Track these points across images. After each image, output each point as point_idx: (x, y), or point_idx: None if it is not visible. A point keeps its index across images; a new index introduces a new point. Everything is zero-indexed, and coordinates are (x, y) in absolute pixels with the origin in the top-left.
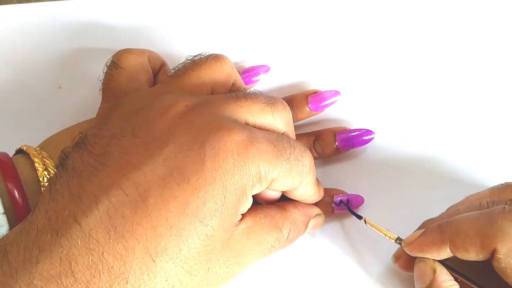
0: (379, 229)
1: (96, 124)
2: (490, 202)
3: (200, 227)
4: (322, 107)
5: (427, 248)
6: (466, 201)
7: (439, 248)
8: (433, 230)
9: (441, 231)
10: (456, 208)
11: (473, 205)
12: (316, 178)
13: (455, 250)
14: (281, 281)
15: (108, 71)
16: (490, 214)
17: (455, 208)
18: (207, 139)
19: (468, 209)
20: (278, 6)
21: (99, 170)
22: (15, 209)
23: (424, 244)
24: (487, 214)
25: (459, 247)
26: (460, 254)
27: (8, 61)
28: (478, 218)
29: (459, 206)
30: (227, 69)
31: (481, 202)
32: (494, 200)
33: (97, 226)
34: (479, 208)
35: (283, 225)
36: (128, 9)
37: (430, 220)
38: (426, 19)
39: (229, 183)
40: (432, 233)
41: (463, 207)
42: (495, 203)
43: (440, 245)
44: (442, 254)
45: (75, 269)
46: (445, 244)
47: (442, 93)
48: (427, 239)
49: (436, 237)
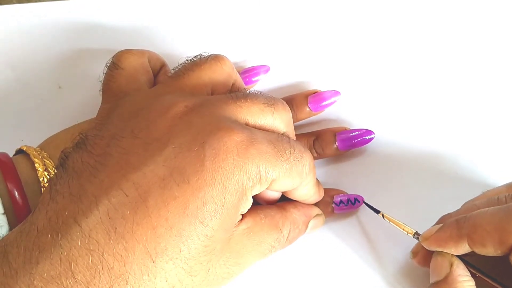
0: (397, 224)
1: (96, 124)
2: (509, 197)
3: (200, 227)
4: (322, 107)
5: (445, 243)
6: (482, 196)
7: (457, 243)
8: (451, 225)
9: (459, 226)
10: (473, 203)
11: (491, 199)
12: (316, 178)
13: (473, 245)
14: (281, 281)
15: (108, 71)
16: (509, 209)
17: (472, 203)
18: (207, 139)
19: (486, 204)
20: (278, 6)
21: (99, 171)
22: (15, 209)
23: (441, 239)
24: (506, 209)
25: (477, 242)
26: (478, 249)
27: (8, 61)
28: (496, 213)
29: (476, 201)
30: (227, 69)
31: (499, 197)
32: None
33: (97, 226)
34: (497, 203)
35: (283, 225)
36: (128, 9)
37: (447, 215)
38: (426, 19)
39: (229, 184)
40: (450, 228)
41: (481, 202)
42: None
43: (458, 240)
44: (460, 249)
45: (75, 270)
46: (463, 239)
47: (442, 93)
48: (445, 234)
49: (454, 232)
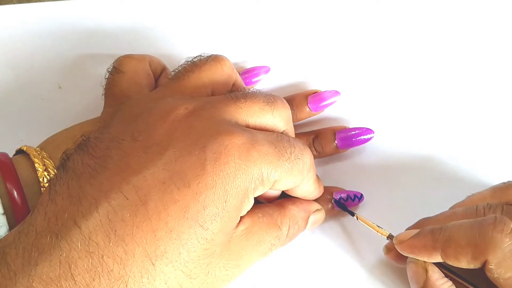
0: (371, 226)
1: (99, 127)
2: (487, 207)
3: (200, 231)
4: (322, 107)
5: (418, 251)
6: (467, 201)
7: (430, 253)
8: (426, 235)
9: (434, 238)
10: (452, 210)
11: (470, 209)
12: (316, 175)
13: (446, 258)
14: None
15: (109, 76)
16: (481, 224)
17: (452, 210)
18: (208, 143)
19: (464, 214)
20: (278, 7)
21: (99, 173)
22: (15, 209)
23: (415, 247)
24: (479, 225)
25: (450, 256)
26: (451, 262)
27: (8, 61)
28: (470, 228)
29: (457, 207)
30: (227, 70)
31: (477, 207)
32: (490, 205)
33: (97, 229)
34: (475, 214)
35: (282, 222)
36: (128, 9)
37: (425, 219)
38: (426, 19)
39: (231, 187)
40: (424, 238)
41: (460, 210)
42: (492, 209)
43: (431, 251)
44: (432, 259)
45: (74, 272)
46: (437, 251)
47: (442, 92)
48: (419, 243)
49: (428, 242)
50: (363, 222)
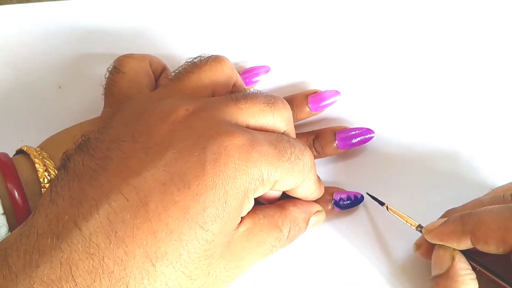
0: (401, 216)
1: (99, 128)
2: None
3: (200, 232)
4: (322, 107)
5: (448, 238)
6: (492, 193)
7: (460, 238)
8: (455, 220)
9: (463, 222)
10: (479, 199)
11: (497, 197)
12: (316, 175)
13: (476, 242)
14: (280, 279)
15: (109, 76)
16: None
17: (478, 199)
18: (207, 144)
19: (491, 201)
20: (278, 7)
21: (100, 174)
22: (15, 210)
23: (445, 233)
24: (510, 209)
25: (480, 239)
26: (480, 246)
27: (8, 61)
28: (501, 212)
29: (483, 197)
30: (228, 70)
31: (504, 195)
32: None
33: (98, 230)
34: (503, 201)
35: (283, 224)
36: (128, 9)
37: (452, 210)
38: (426, 19)
39: (231, 188)
40: (454, 223)
41: (487, 199)
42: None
43: (461, 235)
44: (462, 244)
45: (75, 274)
46: (466, 235)
47: (442, 92)
48: (449, 229)
49: (458, 227)
50: (392, 212)
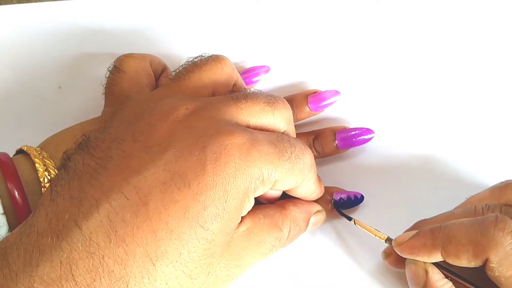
0: (368, 230)
1: (99, 127)
2: (485, 208)
3: (200, 231)
4: (322, 107)
5: (418, 251)
6: (465, 203)
7: (430, 252)
8: (425, 234)
9: (434, 236)
10: (451, 212)
11: (468, 209)
12: (317, 175)
13: (447, 256)
14: (280, 279)
15: (110, 75)
16: (483, 223)
17: (450, 212)
18: (208, 143)
19: (462, 214)
20: (278, 7)
21: (100, 174)
22: (15, 209)
23: (415, 247)
24: (480, 223)
25: (451, 254)
26: (451, 260)
27: (8, 61)
28: (471, 226)
29: (455, 209)
30: (228, 70)
31: (476, 207)
32: (489, 206)
33: (98, 229)
34: (474, 214)
35: (283, 224)
36: (128, 9)
37: (423, 221)
38: (426, 19)
39: (231, 187)
40: (424, 237)
41: (459, 211)
42: (490, 209)
43: (431, 249)
44: (432, 258)
45: (75, 273)
46: (437, 250)
47: (442, 93)
48: (419, 243)
49: (428, 241)
50: (360, 227)
